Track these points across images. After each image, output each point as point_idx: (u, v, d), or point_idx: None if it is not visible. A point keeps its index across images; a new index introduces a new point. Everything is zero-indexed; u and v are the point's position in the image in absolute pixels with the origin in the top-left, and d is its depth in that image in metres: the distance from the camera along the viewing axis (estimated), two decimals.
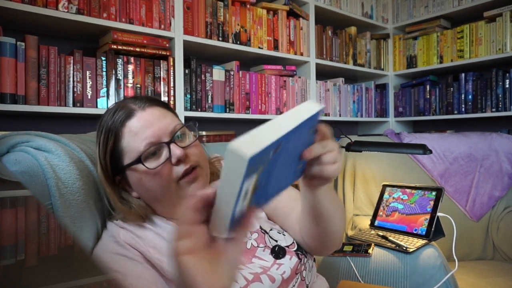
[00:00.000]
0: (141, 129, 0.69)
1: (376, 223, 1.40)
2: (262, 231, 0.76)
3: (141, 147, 0.68)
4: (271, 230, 0.77)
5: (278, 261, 0.71)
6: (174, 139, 0.69)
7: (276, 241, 0.75)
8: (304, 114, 0.43)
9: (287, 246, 0.74)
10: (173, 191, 0.69)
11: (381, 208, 1.42)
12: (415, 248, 1.15)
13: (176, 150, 0.68)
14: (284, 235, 0.76)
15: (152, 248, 0.67)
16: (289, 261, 0.72)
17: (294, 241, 0.76)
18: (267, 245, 0.73)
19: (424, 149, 1.26)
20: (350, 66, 2.38)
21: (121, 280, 0.62)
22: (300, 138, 0.45)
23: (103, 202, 0.79)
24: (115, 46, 1.48)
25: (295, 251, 0.74)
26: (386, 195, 1.45)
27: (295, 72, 2.11)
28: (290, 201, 0.78)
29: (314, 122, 0.48)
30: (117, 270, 0.64)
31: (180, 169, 0.68)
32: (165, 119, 0.71)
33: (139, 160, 0.68)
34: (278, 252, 0.72)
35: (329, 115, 2.29)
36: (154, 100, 0.74)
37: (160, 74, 1.60)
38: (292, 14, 2.10)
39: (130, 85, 1.52)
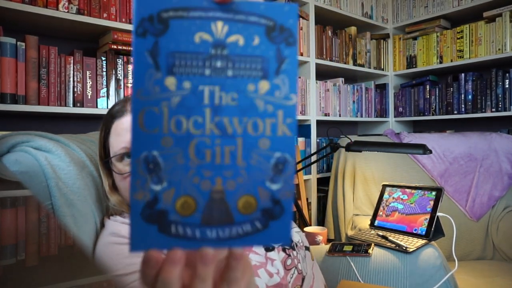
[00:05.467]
0: (123, 132, 0.71)
1: (376, 223, 1.40)
2: None
3: (118, 149, 0.71)
4: None
5: (268, 254, 0.73)
6: None
7: None
8: None
9: None
10: None
11: (381, 208, 1.42)
12: (415, 248, 1.15)
13: None
14: None
15: None
16: (277, 255, 0.74)
17: None
18: None
19: (424, 149, 1.26)
20: (350, 66, 2.38)
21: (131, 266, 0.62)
22: None
23: (103, 202, 0.79)
24: (115, 46, 1.48)
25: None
26: (386, 195, 1.45)
27: None
28: None
29: None
30: (129, 256, 0.64)
31: None
32: None
33: (113, 156, 0.71)
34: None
35: (329, 115, 2.29)
36: None
37: None
38: None
39: (130, 85, 1.52)
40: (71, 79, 1.39)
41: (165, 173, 0.30)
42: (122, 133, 0.71)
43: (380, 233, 1.30)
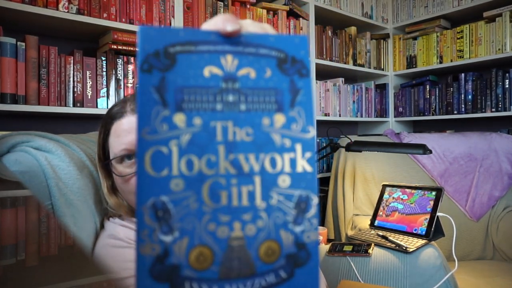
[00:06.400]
0: (123, 133, 0.69)
1: (376, 223, 1.40)
2: None
3: (117, 150, 0.69)
4: None
5: None
6: None
7: None
8: None
9: None
10: None
11: (381, 208, 1.42)
12: (415, 248, 1.15)
13: None
14: None
15: None
16: None
17: None
18: None
19: (424, 149, 1.26)
20: (350, 66, 2.38)
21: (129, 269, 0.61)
22: None
23: (103, 203, 0.79)
24: (115, 46, 1.48)
25: None
26: (386, 195, 1.45)
27: None
28: None
29: None
30: (126, 260, 0.64)
31: None
32: None
33: (113, 159, 0.69)
34: None
35: (329, 115, 2.29)
36: None
37: None
38: (292, 14, 2.11)
39: (130, 85, 1.52)
40: (71, 79, 1.39)
41: (176, 221, 0.26)
42: (122, 135, 0.69)
43: (380, 233, 1.30)
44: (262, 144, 0.29)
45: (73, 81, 1.40)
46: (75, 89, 1.40)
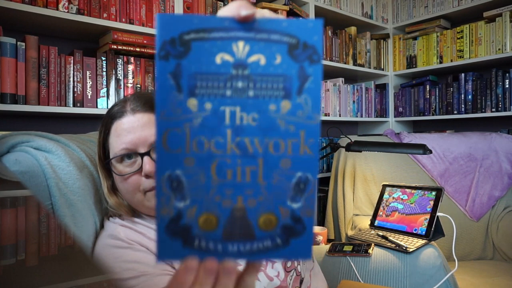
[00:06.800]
0: (123, 132, 0.69)
1: (376, 223, 1.40)
2: None
3: (118, 150, 0.69)
4: None
5: None
6: (151, 152, 0.68)
7: None
8: None
9: None
10: (140, 201, 0.70)
11: (381, 208, 1.42)
12: (415, 248, 1.15)
13: (147, 165, 0.67)
14: None
15: (152, 241, 0.68)
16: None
17: None
18: None
19: (424, 149, 1.26)
20: (350, 66, 2.38)
21: (133, 270, 0.62)
22: None
23: (103, 202, 0.79)
24: (115, 46, 1.48)
25: None
26: (386, 195, 1.45)
27: None
28: None
29: None
30: (127, 261, 0.64)
31: (149, 183, 0.68)
32: (149, 129, 0.69)
33: (113, 158, 0.69)
34: None
35: (329, 115, 2.29)
36: (151, 105, 0.73)
37: None
38: (292, 14, 2.10)
39: (130, 85, 1.52)
40: (71, 79, 1.39)
41: (188, 191, 0.31)
42: (122, 134, 0.69)
43: (380, 233, 1.30)
44: (267, 129, 0.31)
45: (73, 81, 1.40)
46: (75, 89, 1.40)
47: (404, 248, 1.15)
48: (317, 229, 1.45)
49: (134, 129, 0.69)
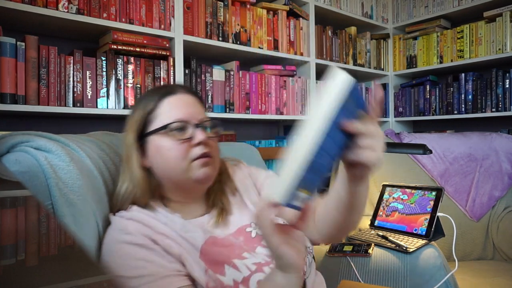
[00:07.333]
0: (177, 106, 0.77)
1: (376, 223, 1.40)
2: None
3: (172, 118, 0.75)
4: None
5: None
6: (201, 126, 0.76)
7: None
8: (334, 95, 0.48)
9: None
10: (184, 169, 0.74)
11: (381, 208, 1.42)
12: (415, 248, 1.15)
13: (200, 134, 0.74)
14: None
15: (160, 235, 0.69)
16: None
17: None
18: None
19: (424, 149, 1.26)
20: (350, 66, 2.38)
21: (142, 269, 0.63)
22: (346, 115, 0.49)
23: (103, 202, 0.79)
24: (115, 46, 1.48)
25: None
26: (386, 195, 1.45)
27: (295, 72, 2.11)
28: None
29: (355, 100, 0.51)
30: (138, 258, 0.65)
31: (198, 150, 0.74)
32: (198, 109, 0.79)
33: (166, 126, 0.74)
34: None
35: None
36: (194, 92, 0.84)
37: (160, 74, 1.60)
38: (292, 14, 2.11)
39: (130, 85, 1.52)
40: (71, 79, 1.39)
41: None
42: (178, 106, 0.76)
43: (380, 233, 1.30)
44: None
45: (73, 81, 1.40)
46: (75, 89, 1.40)
47: (404, 248, 1.15)
48: None
49: (188, 104, 0.78)
